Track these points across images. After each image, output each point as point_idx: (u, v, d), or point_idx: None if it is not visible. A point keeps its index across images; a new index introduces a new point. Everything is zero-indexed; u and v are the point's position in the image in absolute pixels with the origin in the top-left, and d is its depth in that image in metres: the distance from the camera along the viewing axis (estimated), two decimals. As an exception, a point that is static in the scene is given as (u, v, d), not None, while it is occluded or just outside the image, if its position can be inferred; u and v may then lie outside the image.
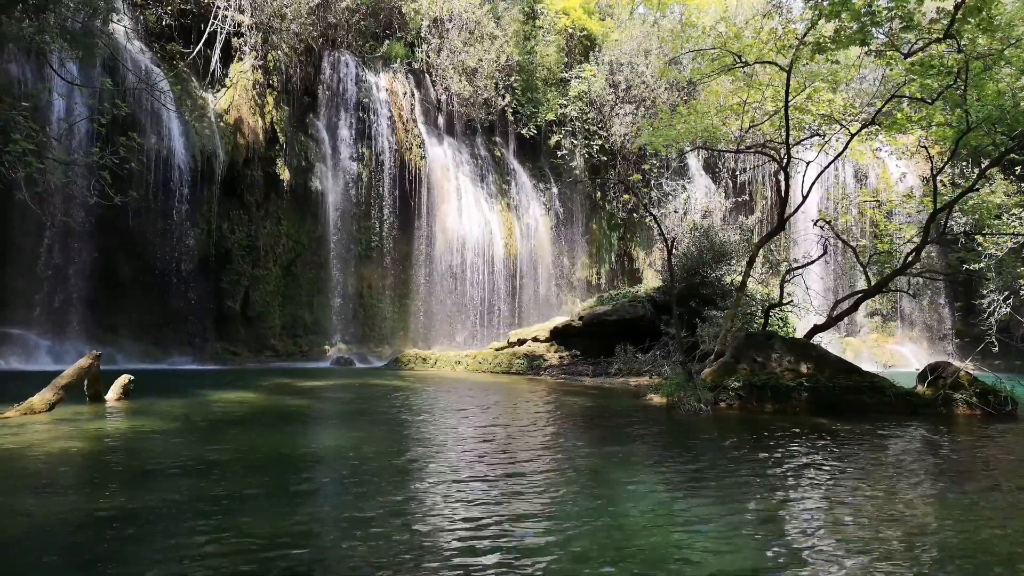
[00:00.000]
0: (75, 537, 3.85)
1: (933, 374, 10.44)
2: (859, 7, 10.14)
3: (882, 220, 20.20)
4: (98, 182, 13.26)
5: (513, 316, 24.25)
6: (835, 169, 24.79)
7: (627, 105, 26.04)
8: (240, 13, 19.96)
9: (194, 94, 19.38)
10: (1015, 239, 17.03)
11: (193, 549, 3.62)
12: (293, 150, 21.07)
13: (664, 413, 9.68)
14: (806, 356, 10.67)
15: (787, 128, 12.23)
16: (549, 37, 26.56)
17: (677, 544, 3.87)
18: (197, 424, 7.90)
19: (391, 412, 9.63)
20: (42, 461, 5.68)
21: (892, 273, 13.01)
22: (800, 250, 22.29)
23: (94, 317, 17.28)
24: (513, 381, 14.87)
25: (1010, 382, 10.41)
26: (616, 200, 27.22)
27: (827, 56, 11.12)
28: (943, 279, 22.10)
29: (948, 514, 4.62)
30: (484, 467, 5.84)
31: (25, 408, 7.85)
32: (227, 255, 19.59)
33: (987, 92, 10.45)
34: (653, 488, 5.18)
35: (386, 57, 23.65)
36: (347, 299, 21.95)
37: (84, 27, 14.23)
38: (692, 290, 16.50)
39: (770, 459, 6.47)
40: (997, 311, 20.81)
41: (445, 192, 23.59)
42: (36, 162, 12.30)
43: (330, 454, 6.53)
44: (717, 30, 13.27)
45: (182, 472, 5.39)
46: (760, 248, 14.09)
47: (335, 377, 15.29)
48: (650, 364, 15.41)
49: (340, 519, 4.28)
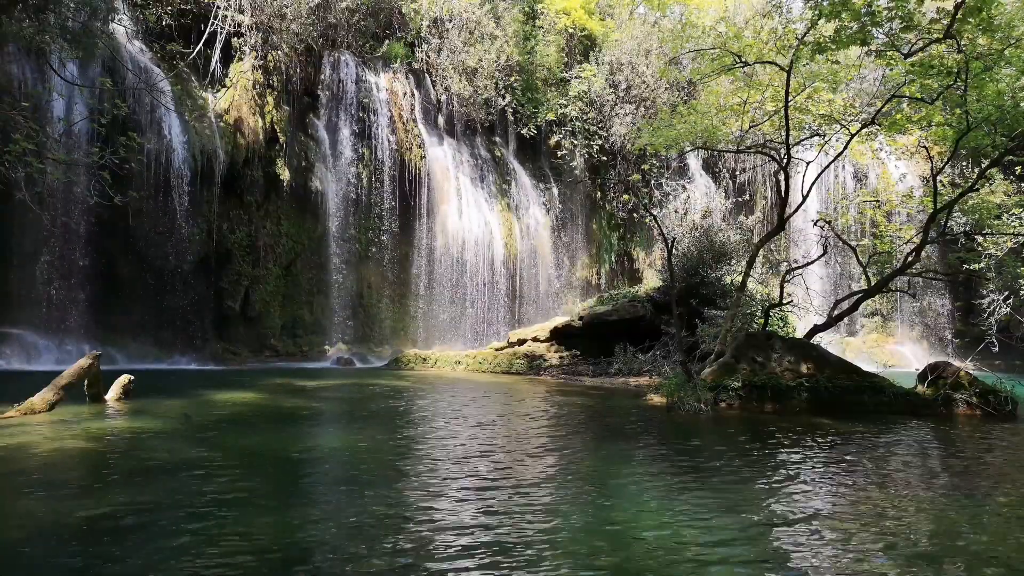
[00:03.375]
0: (75, 537, 3.85)
1: (933, 374, 10.43)
2: (859, 7, 10.14)
3: (882, 220, 20.23)
4: (98, 182, 13.26)
5: (513, 316, 24.23)
6: (835, 169, 24.79)
7: (627, 105, 26.03)
8: (240, 13, 19.95)
9: (194, 94, 19.37)
10: (1015, 239, 17.02)
11: (193, 549, 3.61)
12: (293, 150, 21.06)
13: (664, 413, 9.68)
14: (806, 356, 10.67)
15: (787, 128, 12.23)
16: (549, 37, 26.54)
17: (677, 544, 3.87)
18: (197, 424, 7.90)
19: (391, 412, 9.63)
20: (42, 461, 5.68)
21: (892, 273, 13.01)
22: (800, 250, 22.26)
23: (94, 317, 17.27)
24: (513, 381, 14.87)
25: (1010, 382, 10.40)
26: (616, 200, 27.20)
27: (827, 56, 11.12)
28: (943, 279, 22.08)
29: (948, 514, 4.61)
30: (484, 467, 5.83)
31: (25, 408, 7.85)
32: (227, 255, 19.58)
33: (987, 92, 10.44)
34: (653, 488, 5.18)
35: (386, 57, 23.63)
36: (347, 299, 21.94)
37: (84, 27, 14.21)
38: (692, 290, 16.49)
39: (770, 459, 6.47)
40: (997, 311, 20.80)
41: (445, 192, 23.58)
42: (36, 162, 12.30)
43: (330, 454, 6.53)
44: (717, 30, 13.26)
45: (182, 472, 5.39)
46: (760, 248, 14.09)
47: (335, 377, 15.29)
48: (650, 364, 15.41)
49: (340, 519, 4.28)
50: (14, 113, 12.29)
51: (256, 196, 20.26)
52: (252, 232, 20.09)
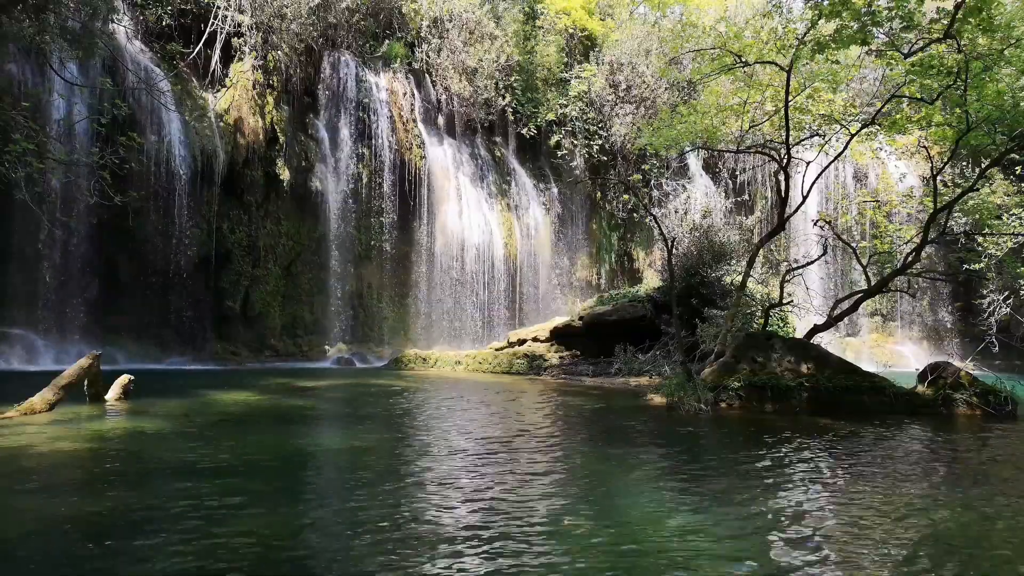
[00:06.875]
0: (75, 537, 3.85)
1: (933, 374, 10.42)
2: (859, 7, 10.14)
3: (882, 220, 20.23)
4: (98, 182, 13.27)
5: (513, 316, 24.24)
6: (835, 169, 24.78)
7: (627, 105, 26.03)
8: (240, 13, 19.95)
9: (194, 94, 19.38)
10: (1015, 239, 17.04)
11: (193, 549, 3.61)
12: (293, 150, 21.07)
13: (664, 413, 9.68)
14: (806, 356, 10.66)
15: (787, 128, 12.23)
16: (549, 37, 26.55)
17: (678, 544, 3.87)
18: (197, 424, 7.89)
19: (391, 413, 9.63)
20: (42, 461, 5.68)
21: (892, 273, 13.00)
22: (800, 250, 22.26)
23: (94, 317, 17.27)
24: (513, 381, 14.87)
25: (1010, 382, 10.39)
26: (616, 200, 27.20)
27: (827, 56, 11.12)
28: (943, 279, 22.09)
29: (949, 514, 4.61)
30: (484, 467, 5.84)
31: (25, 408, 7.85)
32: (227, 255, 19.59)
33: (987, 92, 10.44)
34: (653, 488, 5.18)
35: (386, 57, 23.64)
36: (347, 299, 21.95)
37: (84, 27, 14.21)
38: (692, 290, 16.49)
39: (770, 459, 6.47)
40: (997, 311, 20.81)
41: (445, 192, 23.59)
42: (36, 162, 12.31)
43: (330, 455, 6.53)
44: (717, 30, 13.26)
45: (182, 472, 5.39)
46: (760, 248, 14.09)
47: (335, 377, 15.29)
48: (650, 364, 15.40)
49: (340, 520, 4.28)
50: (14, 113, 12.29)
51: (256, 196, 20.27)
52: (252, 232, 20.10)
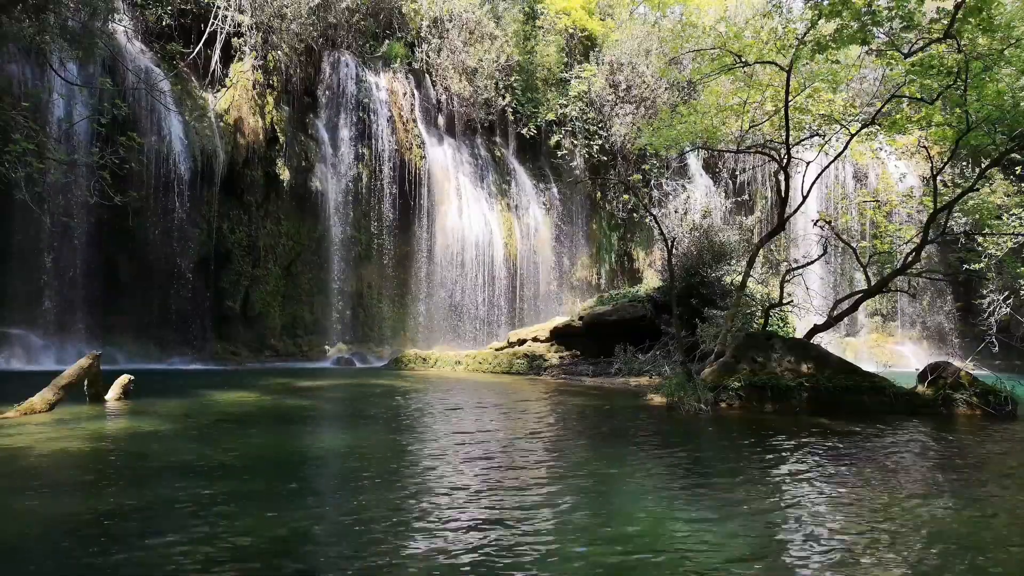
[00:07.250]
0: (75, 537, 3.85)
1: (933, 374, 10.42)
2: (859, 6, 10.15)
3: (882, 220, 20.22)
4: (98, 182, 13.27)
5: (513, 316, 24.23)
6: (835, 169, 24.77)
7: (627, 105, 26.03)
8: (240, 13, 19.95)
9: (194, 94, 19.38)
10: (1015, 239, 17.03)
11: (193, 549, 3.61)
12: (293, 150, 21.06)
13: (664, 413, 9.68)
14: (806, 356, 10.66)
15: (787, 128, 12.23)
16: (549, 37, 26.55)
17: (678, 544, 3.87)
18: (197, 424, 7.90)
19: (391, 413, 9.63)
20: (42, 461, 5.68)
21: (892, 273, 13.00)
22: (800, 250, 22.25)
23: (94, 317, 17.26)
24: (513, 381, 14.87)
25: (1010, 382, 10.39)
26: (616, 200, 27.20)
27: (827, 56, 11.12)
28: (943, 279, 22.09)
29: (949, 514, 4.62)
30: (484, 468, 5.83)
31: (25, 408, 7.85)
32: (227, 255, 19.59)
33: (987, 92, 10.44)
34: (653, 488, 5.18)
35: (386, 57, 23.63)
36: (347, 299, 21.94)
37: (84, 27, 14.21)
38: (692, 290, 16.48)
39: (770, 459, 6.47)
40: (997, 311, 20.81)
41: (445, 192, 23.58)
42: (36, 162, 12.31)
43: (330, 455, 6.53)
44: (717, 30, 13.26)
45: (182, 472, 5.39)
46: (760, 248, 14.08)
47: (335, 377, 15.29)
48: (650, 364, 15.40)
49: (340, 520, 4.28)
50: (14, 113, 12.29)
51: (256, 196, 20.27)
52: (252, 232, 20.10)
